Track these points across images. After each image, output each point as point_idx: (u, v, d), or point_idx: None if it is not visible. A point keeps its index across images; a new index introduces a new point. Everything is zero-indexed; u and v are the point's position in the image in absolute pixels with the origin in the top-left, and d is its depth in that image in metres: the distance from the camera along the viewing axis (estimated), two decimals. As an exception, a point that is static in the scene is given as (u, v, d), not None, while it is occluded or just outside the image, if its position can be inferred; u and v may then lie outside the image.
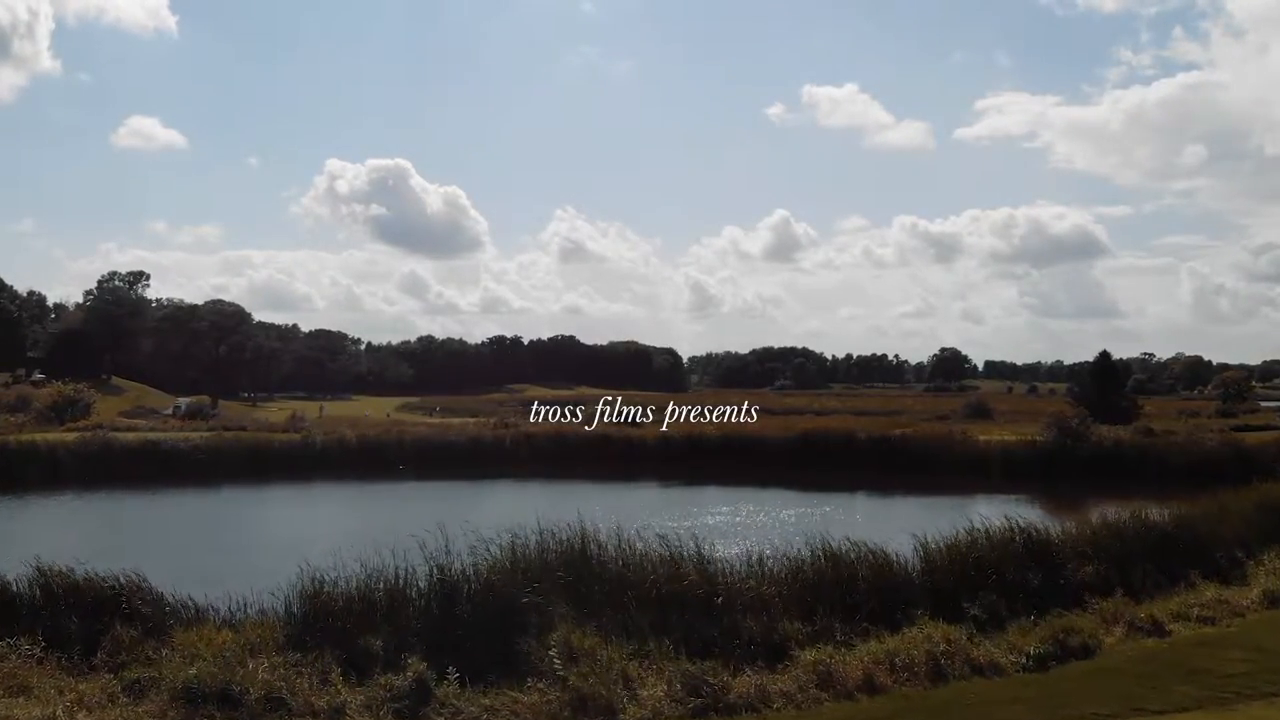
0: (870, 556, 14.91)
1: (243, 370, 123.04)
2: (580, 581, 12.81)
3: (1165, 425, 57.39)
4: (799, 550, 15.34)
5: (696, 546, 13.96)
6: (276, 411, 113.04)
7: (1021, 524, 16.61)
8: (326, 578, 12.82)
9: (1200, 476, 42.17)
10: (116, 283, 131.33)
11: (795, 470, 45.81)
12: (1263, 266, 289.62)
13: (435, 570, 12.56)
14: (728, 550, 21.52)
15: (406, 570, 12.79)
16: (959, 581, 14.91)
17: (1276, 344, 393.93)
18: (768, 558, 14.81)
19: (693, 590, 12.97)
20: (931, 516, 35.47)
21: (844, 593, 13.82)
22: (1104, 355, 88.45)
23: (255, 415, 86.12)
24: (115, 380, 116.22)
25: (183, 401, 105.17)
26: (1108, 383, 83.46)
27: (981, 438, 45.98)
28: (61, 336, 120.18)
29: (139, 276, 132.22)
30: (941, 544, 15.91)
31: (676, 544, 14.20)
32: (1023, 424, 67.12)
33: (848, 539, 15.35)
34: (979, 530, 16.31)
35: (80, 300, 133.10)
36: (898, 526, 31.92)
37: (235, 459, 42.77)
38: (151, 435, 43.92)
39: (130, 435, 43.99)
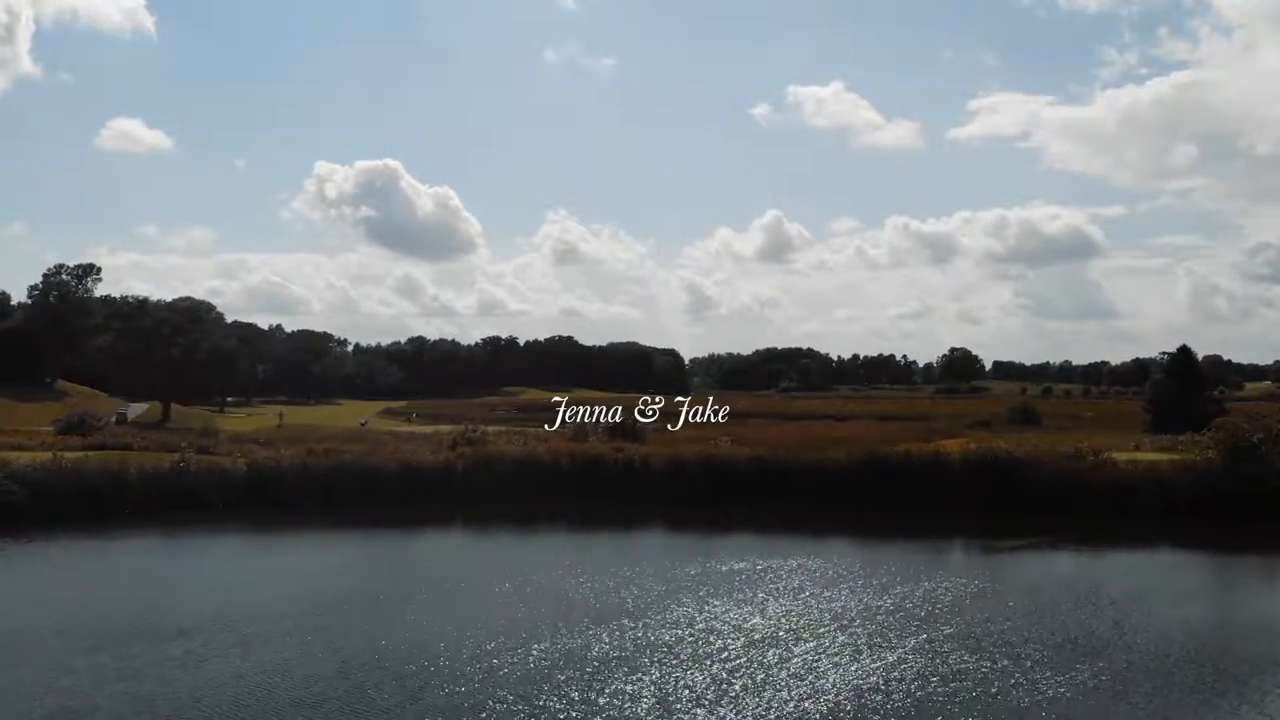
0: None
1: (202, 373, 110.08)
2: None
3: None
4: None
5: None
6: (245, 418, 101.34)
7: None
8: None
9: None
10: (64, 276, 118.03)
11: (851, 505, 33.34)
12: (1258, 267, 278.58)
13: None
14: None
15: None
16: None
17: (1276, 344, 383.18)
18: None
19: None
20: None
21: None
22: (1183, 350, 75.88)
23: (212, 425, 73.84)
24: (60, 384, 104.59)
25: (130, 407, 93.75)
26: (1190, 383, 71.01)
27: (1120, 459, 33.25)
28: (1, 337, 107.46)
29: (88, 270, 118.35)
30: None
31: None
32: (1079, 432, 57.05)
33: None
34: None
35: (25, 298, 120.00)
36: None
37: (68, 496, 29.89)
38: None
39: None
